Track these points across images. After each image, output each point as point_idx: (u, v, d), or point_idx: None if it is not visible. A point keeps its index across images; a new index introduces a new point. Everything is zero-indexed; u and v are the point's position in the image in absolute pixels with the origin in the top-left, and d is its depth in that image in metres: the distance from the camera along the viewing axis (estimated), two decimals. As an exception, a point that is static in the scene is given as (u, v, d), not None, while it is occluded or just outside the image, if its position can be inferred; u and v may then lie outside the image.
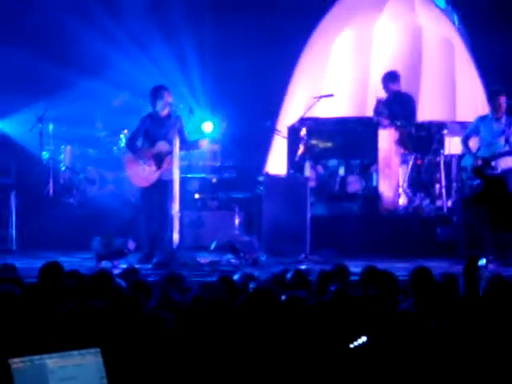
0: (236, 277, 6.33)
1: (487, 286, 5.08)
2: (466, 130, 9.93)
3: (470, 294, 5.28)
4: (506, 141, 9.43)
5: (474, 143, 9.83)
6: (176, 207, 9.44)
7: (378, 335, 4.23)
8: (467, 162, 9.76)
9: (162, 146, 9.51)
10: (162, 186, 9.54)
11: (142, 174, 9.61)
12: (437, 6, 12.92)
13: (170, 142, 9.46)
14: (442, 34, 12.83)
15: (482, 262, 6.23)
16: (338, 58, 12.95)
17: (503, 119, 9.51)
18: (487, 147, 9.52)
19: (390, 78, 11.19)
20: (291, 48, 12.80)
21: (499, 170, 9.44)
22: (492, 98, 9.62)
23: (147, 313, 4.66)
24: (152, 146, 9.59)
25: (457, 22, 12.84)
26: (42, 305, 4.55)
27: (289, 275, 6.26)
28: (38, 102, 11.93)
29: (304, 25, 12.82)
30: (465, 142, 9.76)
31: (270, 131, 12.12)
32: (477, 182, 9.53)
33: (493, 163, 9.51)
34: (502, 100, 9.51)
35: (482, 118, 9.74)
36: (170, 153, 9.45)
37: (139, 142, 9.73)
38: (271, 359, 4.07)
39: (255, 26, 12.65)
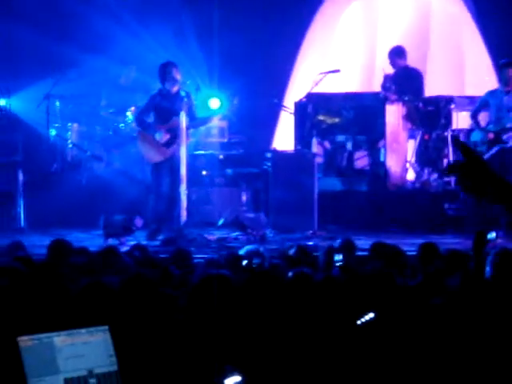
0: (241, 252, 6.33)
1: (494, 261, 5.06)
2: (475, 105, 9.88)
3: (478, 270, 5.26)
4: None
5: (483, 118, 9.78)
6: (184, 184, 9.44)
7: (384, 311, 4.22)
8: (476, 136, 9.73)
9: (176, 121, 9.49)
10: (173, 162, 9.53)
11: (156, 149, 9.60)
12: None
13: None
14: (449, 7, 12.76)
15: (492, 235, 6.20)
16: (345, 32, 12.90)
17: None
18: (497, 121, 9.47)
19: (397, 53, 11.13)
20: (298, 23, 12.74)
21: (510, 144, 9.42)
22: (502, 71, 9.55)
23: (157, 290, 4.66)
24: (166, 122, 9.58)
25: None
26: (50, 282, 4.56)
27: (292, 251, 6.26)
28: (45, 80, 11.90)
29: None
30: (474, 117, 9.72)
31: (276, 107, 12.09)
32: (488, 155, 9.48)
33: (504, 137, 9.48)
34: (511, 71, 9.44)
35: (492, 93, 9.68)
36: (186, 128, 9.45)
37: (149, 119, 9.72)
38: (278, 336, 4.07)
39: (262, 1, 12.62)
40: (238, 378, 3.30)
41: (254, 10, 12.54)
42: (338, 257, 5.77)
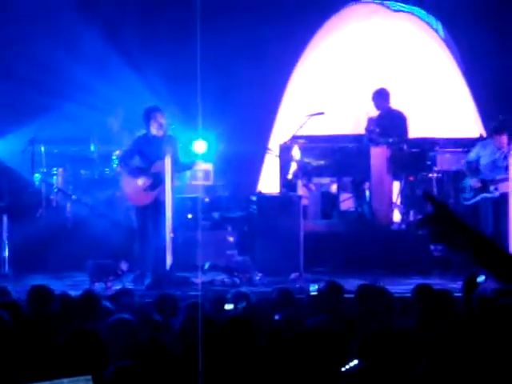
0: (228, 296, 6.31)
1: (478, 304, 5.08)
2: (468, 157, 10.06)
3: (469, 312, 5.26)
4: (506, 168, 9.59)
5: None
6: (169, 227, 9.42)
7: (375, 354, 4.20)
8: (467, 182, 9.95)
9: (160, 165, 9.50)
10: (157, 206, 9.52)
11: (140, 193, 9.59)
12: (421, 18, 12.96)
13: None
14: (432, 50, 12.88)
15: (481, 278, 6.22)
16: (329, 75, 12.99)
17: (505, 148, 9.69)
18: (489, 172, 9.73)
19: (381, 95, 11.21)
20: (282, 66, 12.82)
21: (497, 195, 9.64)
22: (493, 136, 9.81)
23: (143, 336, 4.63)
24: (150, 166, 9.58)
25: (442, 33, 12.87)
26: (31, 330, 4.51)
27: (274, 295, 6.25)
28: (30, 124, 11.91)
29: (297, 39, 12.86)
30: (468, 167, 9.93)
31: (261, 150, 12.11)
32: (472, 201, 9.69)
33: (491, 187, 9.69)
34: (504, 138, 9.69)
35: (483, 146, 9.93)
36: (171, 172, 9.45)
37: (134, 162, 9.71)
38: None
39: (246, 40, 12.69)
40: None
41: (239, 51, 12.61)
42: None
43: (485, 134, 10.94)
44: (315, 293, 6.00)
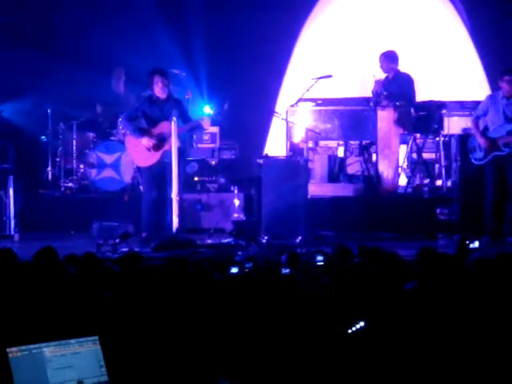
0: (236, 258, 6.34)
1: (476, 267, 5.09)
2: (477, 111, 9.73)
3: (461, 275, 5.27)
4: None
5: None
6: (175, 190, 9.41)
7: (383, 317, 4.22)
8: (475, 142, 9.66)
9: (164, 126, 9.48)
10: (163, 168, 9.51)
11: (145, 153, 9.58)
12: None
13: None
14: (440, 12, 12.78)
15: (475, 244, 6.22)
16: (336, 37, 12.92)
17: None
18: (496, 128, 9.43)
19: (388, 57, 11.12)
20: (288, 30, 12.74)
21: (506, 152, 9.37)
22: (503, 78, 9.49)
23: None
24: (154, 127, 9.57)
25: None
26: (38, 291, 4.53)
27: (283, 258, 6.25)
28: (38, 85, 11.90)
29: (303, 2, 12.80)
30: (476, 123, 9.61)
31: (268, 113, 12.08)
32: (485, 161, 9.47)
33: (501, 144, 9.44)
34: None
35: (492, 97, 9.59)
36: (178, 132, 9.42)
37: (138, 123, 9.69)
38: (269, 340, 4.06)
39: (252, 5, 12.63)
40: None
41: (246, 13, 12.54)
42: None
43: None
44: (321, 263, 5.98)
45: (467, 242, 6.57)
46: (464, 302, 4.51)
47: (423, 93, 11.67)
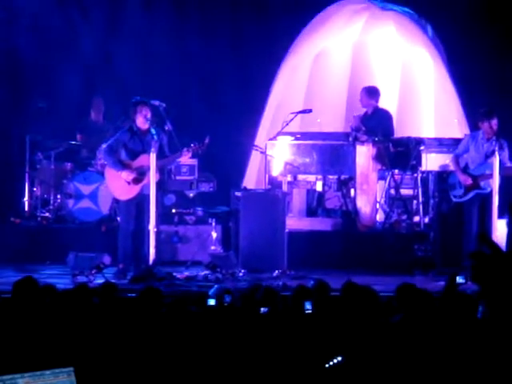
0: (211, 291, 6.29)
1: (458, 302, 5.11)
2: (457, 149, 10.00)
3: (447, 310, 5.27)
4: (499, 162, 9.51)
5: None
6: (153, 222, 9.38)
7: (366, 349, 4.20)
8: (455, 179, 9.88)
9: (144, 159, 9.47)
10: (141, 200, 9.50)
11: (124, 186, 9.55)
12: (411, 19, 12.95)
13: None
14: (418, 49, 12.88)
15: (461, 280, 6.25)
16: (316, 72, 12.97)
17: (493, 140, 9.62)
18: (476, 166, 9.68)
19: (368, 93, 11.19)
20: (269, 64, 12.80)
21: (488, 191, 9.59)
22: (483, 121, 9.72)
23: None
24: (134, 159, 9.55)
25: (430, 33, 12.87)
26: (16, 321, 4.48)
27: (258, 294, 6.22)
28: (16, 114, 11.88)
29: (284, 36, 12.85)
30: (456, 161, 9.88)
31: (247, 146, 12.10)
32: (465, 198, 9.64)
33: (482, 183, 9.65)
34: (494, 123, 9.64)
35: (472, 136, 9.88)
36: (156, 166, 9.41)
37: (118, 154, 9.65)
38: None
39: (231, 38, 12.69)
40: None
41: (226, 47, 12.61)
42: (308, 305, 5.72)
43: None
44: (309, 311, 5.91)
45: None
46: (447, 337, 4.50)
47: (401, 129, 11.73)
